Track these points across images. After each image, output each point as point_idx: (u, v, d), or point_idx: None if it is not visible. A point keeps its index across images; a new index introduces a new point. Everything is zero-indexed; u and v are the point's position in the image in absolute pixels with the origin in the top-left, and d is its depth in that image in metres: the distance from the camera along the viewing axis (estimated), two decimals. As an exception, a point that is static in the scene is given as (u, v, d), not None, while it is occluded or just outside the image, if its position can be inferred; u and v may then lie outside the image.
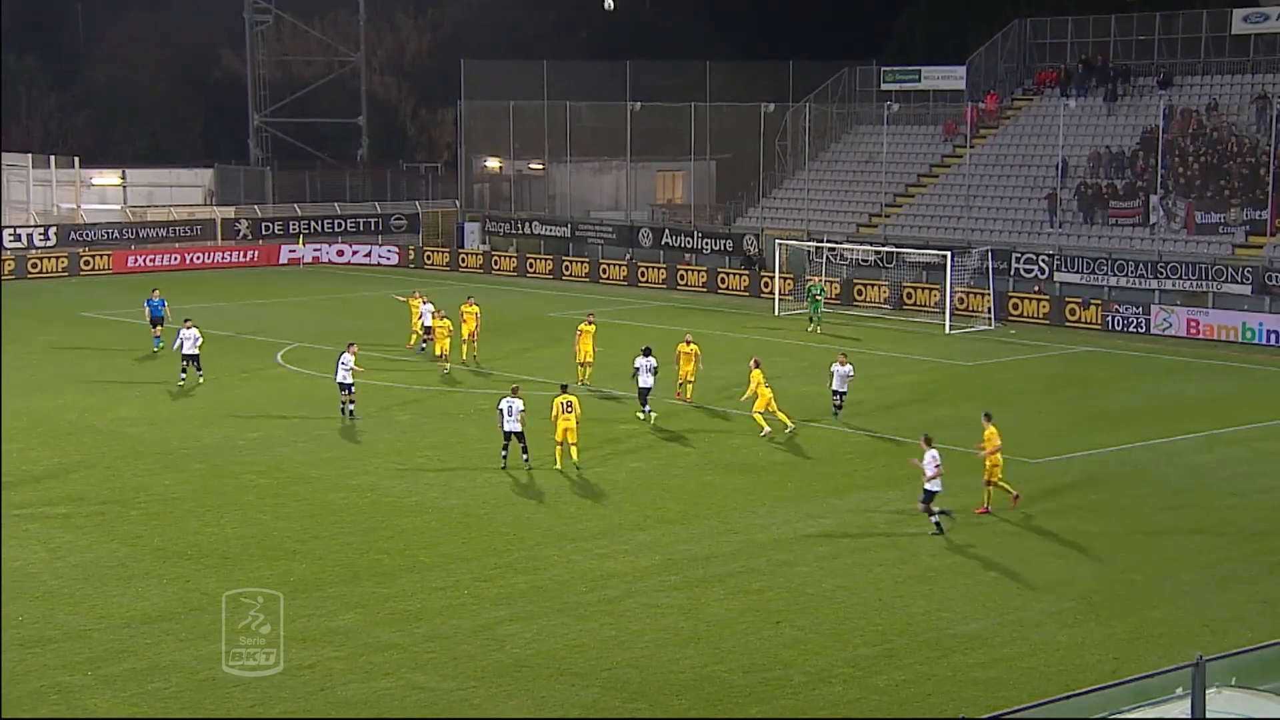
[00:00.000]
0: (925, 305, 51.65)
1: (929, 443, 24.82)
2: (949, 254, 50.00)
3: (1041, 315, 49.94)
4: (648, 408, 32.97)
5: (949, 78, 63.00)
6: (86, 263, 62.86)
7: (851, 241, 57.08)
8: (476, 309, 40.51)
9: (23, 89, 79.68)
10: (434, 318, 40.55)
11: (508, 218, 69.80)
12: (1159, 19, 59.67)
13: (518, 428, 28.19)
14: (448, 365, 38.74)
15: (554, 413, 28.37)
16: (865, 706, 17.88)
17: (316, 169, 78.52)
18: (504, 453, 28.58)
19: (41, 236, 64.36)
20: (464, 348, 40.06)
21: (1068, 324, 48.95)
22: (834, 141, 65.24)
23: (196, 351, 36.81)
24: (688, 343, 34.99)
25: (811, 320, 47.56)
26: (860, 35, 74.97)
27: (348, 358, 32.57)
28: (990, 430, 26.02)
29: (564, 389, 29.16)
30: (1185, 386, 39.20)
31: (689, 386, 34.94)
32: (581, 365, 36.83)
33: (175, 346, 37.28)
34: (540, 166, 71.96)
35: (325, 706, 17.69)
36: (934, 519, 24.57)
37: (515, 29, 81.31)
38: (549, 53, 71.21)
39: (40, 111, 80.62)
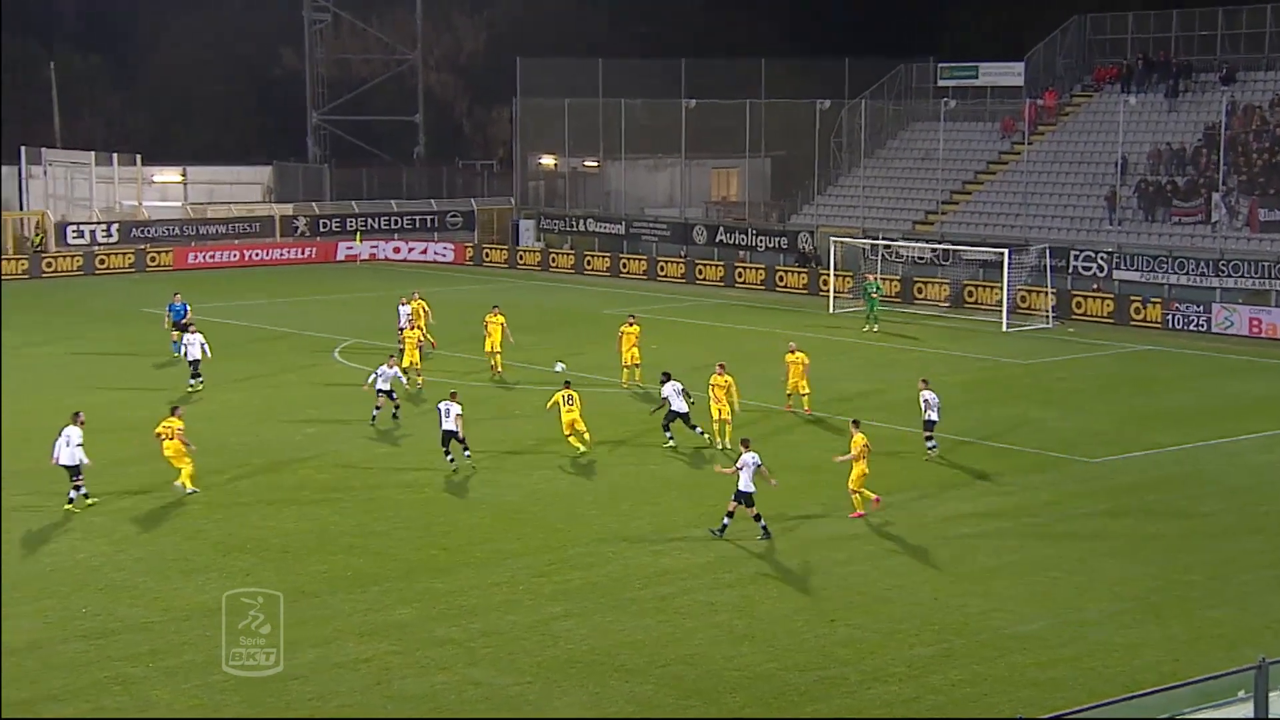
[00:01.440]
0: (985, 303, 51.19)
1: (747, 446, 24.19)
2: (1006, 251, 49.58)
3: (1105, 314, 49.35)
4: (670, 435, 30.59)
5: (1007, 74, 62.41)
6: (152, 259, 63.67)
7: (907, 239, 56.73)
8: (502, 319, 38.49)
9: (85, 87, 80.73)
10: (407, 324, 38.84)
11: (562, 215, 69.98)
12: (1221, 14, 58.83)
13: (453, 428, 28.11)
14: (420, 380, 35.94)
15: (555, 405, 29.21)
16: (921, 706, 17.82)
17: (373, 166, 79.09)
18: (447, 451, 28.22)
19: (105, 233, 65.24)
20: (495, 360, 38.04)
21: (1132, 323, 48.34)
22: (890, 138, 64.89)
23: (199, 357, 36.11)
24: (793, 351, 33.28)
25: (869, 319, 47.28)
26: (917, 32, 74.55)
27: (387, 370, 32.15)
28: (858, 437, 25.27)
29: (566, 385, 29.89)
30: (1247, 386, 38.69)
31: (805, 398, 33.16)
32: (627, 368, 36.48)
33: (180, 352, 36.98)
34: (595, 164, 72.04)
35: (382, 700, 17.85)
36: (759, 523, 23.90)
37: (571, 27, 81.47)
38: (604, 50, 71.28)
39: (103, 110, 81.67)
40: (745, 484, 23.89)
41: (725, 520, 24.11)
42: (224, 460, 29.28)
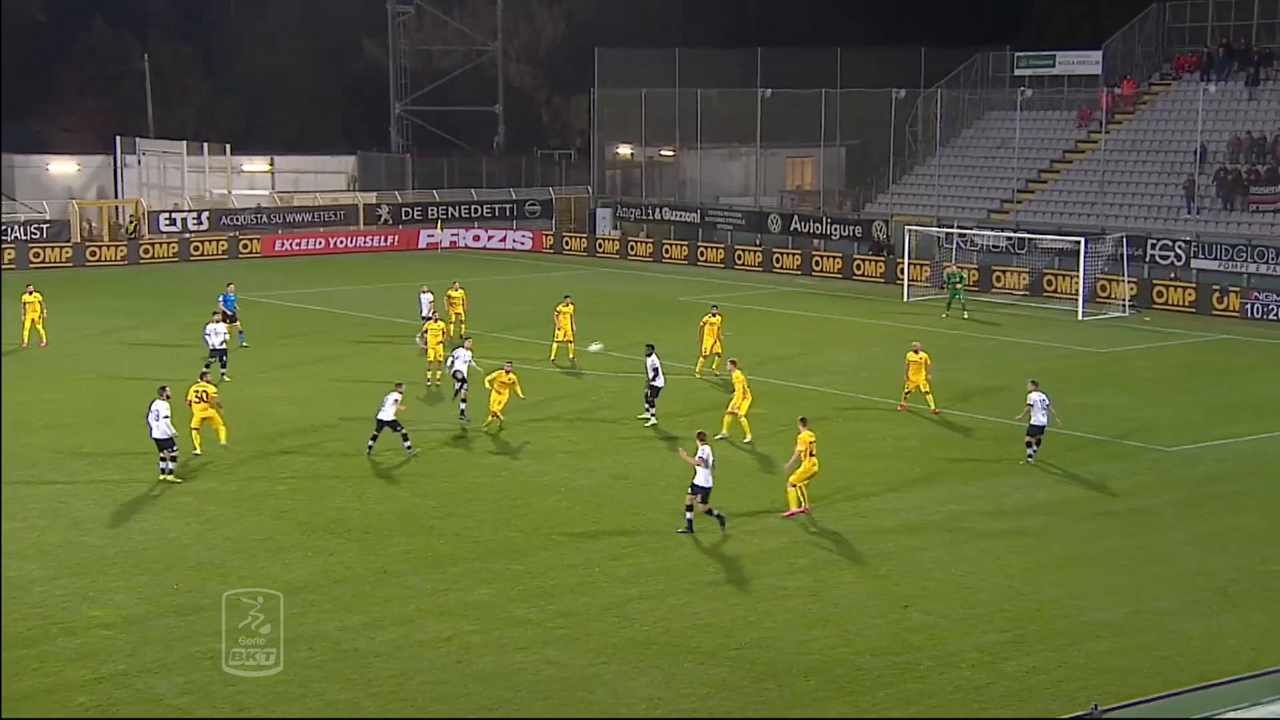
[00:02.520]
0: (1065, 292, 50.22)
1: (702, 439, 23.61)
2: (1083, 240, 48.92)
3: (1187, 303, 48.38)
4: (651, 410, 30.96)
5: (1084, 62, 61.52)
6: (245, 246, 64.57)
7: (982, 227, 56.13)
8: (570, 309, 37.54)
9: (177, 78, 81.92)
10: (431, 314, 38.24)
11: (639, 203, 69.98)
12: (1304, 0, 57.62)
13: (389, 417, 27.88)
14: (439, 378, 34.89)
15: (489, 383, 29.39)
16: (994, 692, 17.64)
17: (454, 156, 79.54)
18: (373, 439, 28.08)
19: (195, 221, 66.21)
20: (568, 349, 37.50)
21: (1214, 312, 47.39)
22: (965, 127, 64.18)
23: (224, 347, 35.70)
24: (916, 350, 31.97)
25: (949, 307, 46.80)
26: (994, 20, 73.59)
27: (463, 352, 31.97)
28: (805, 434, 24.19)
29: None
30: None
31: (928, 396, 31.71)
32: (705, 356, 36.25)
33: (206, 340, 36.02)
34: (671, 153, 71.94)
35: (462, 678, 17.98)
36: (713, 515, 23.24)
37: (647, 17, 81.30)
38: (680, 40, 71.11)
39: (194, 100, 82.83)
40: (703, 479, 23.16)
41: (688, 516, 23.39)
42: (309, 441, 29.62)
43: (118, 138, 71.53)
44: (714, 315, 36.79)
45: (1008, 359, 40.00)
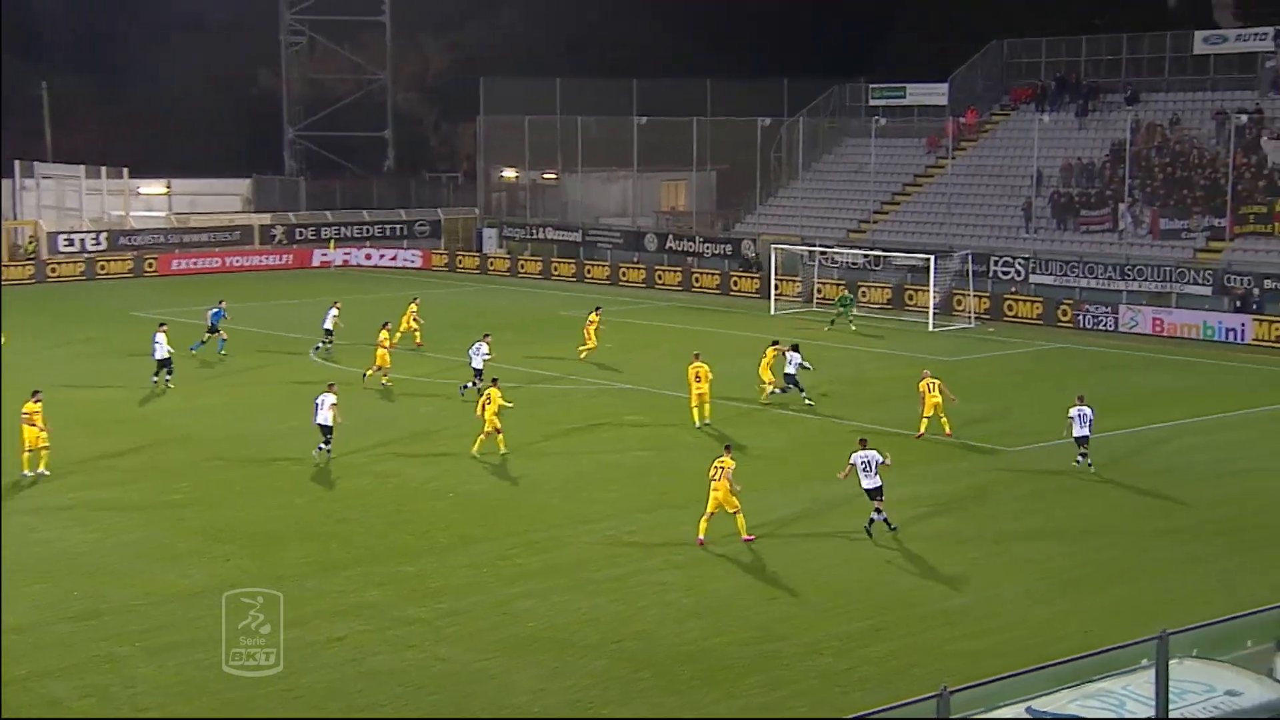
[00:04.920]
0: (922, 305, 50.58)
1: (864, 444, 23.56)
2: (932, 257, 49.93)
3: (1034, 315, 49.32)
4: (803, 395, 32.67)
5: (932, 94, 62.92)
6: (149, 265, 62.97)
7: (842, 246, 56.99)
8: (596, 318, 39.68)
9: (76, 105, 79.66)
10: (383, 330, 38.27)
11: (523, 224, 69.74)
12: (1126, 40, 59.66)
13: (327, 421, 27.58)
14: (384, 378, 35.51)
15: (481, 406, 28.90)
16: (854, 676, 17.85)
17: (345, 178, 78.48)
18: (326, 448, 27.75)
19: (94, 242, 64.41)
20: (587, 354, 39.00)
21: (1058, 324, 48.32)
22: (825, 153, 65.13)
23: (168, 357, 35.15)
24: (924, 378, 30.55)
25: (834, 323, 47.16)
26: (850, 54, 74.80)
27: (482, 345, 34.03)
28: (727, 461, 22.96)
29: (494, 381, 29.79)
30: (1150, 379, 39.06)
31: (945, 421, 30.30)
32: (698, 407, 31.56)
33: (154, 349, 35.44)
34: (553, 176, 71.87)
35: (356, 676, 17.68)
36: (880, 517, 23.19)
37: (531, 49, 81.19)
38: (562, 71, 71.11)
39: (92, 126, 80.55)
40: (869, 483, 23.03)
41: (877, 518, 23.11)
42: (207, 453, 28.94)
43: (16, 163, 69.30)
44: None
45: (865, 368, 40.65)
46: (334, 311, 41.46)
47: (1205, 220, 50.51)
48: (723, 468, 22.89)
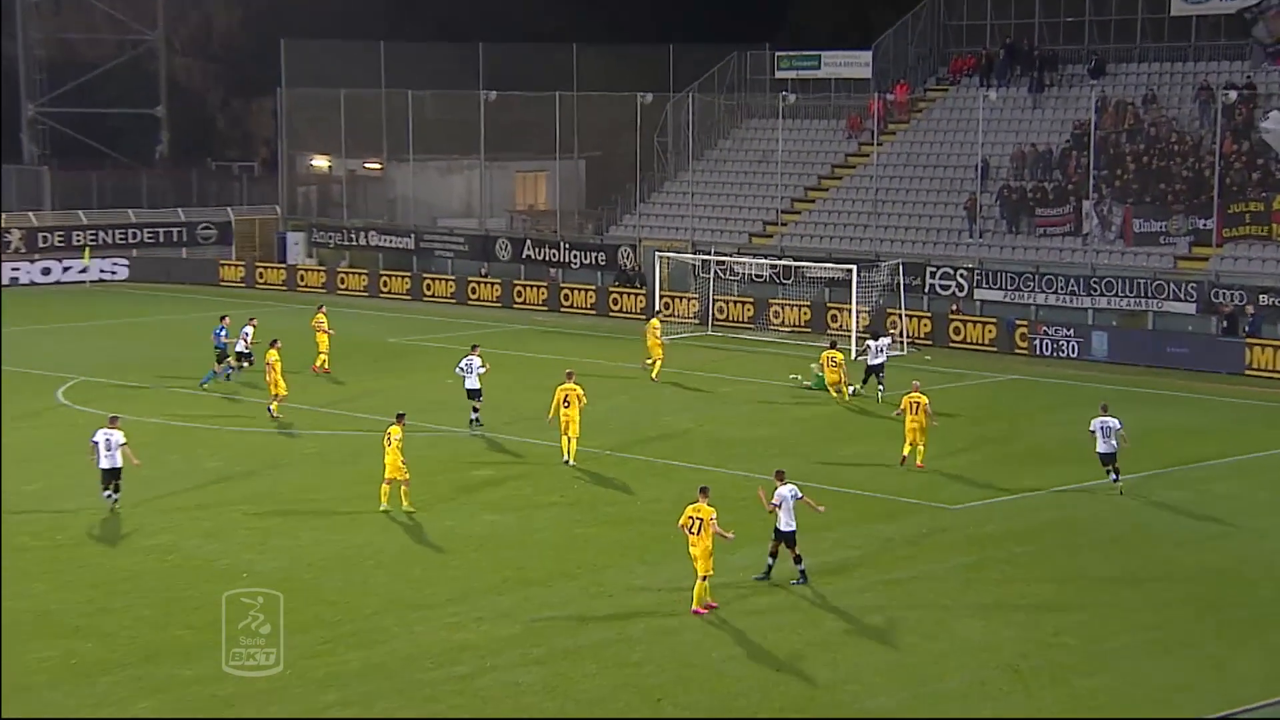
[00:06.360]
0: (848, 327, 49.96)
1: (781, 478, 25.07)
2: (854, 269, 50.48)
3: (988, 340, 49.92)
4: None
5: (853, 64, 64.08)
6: None
7: (744, 254, 57.55)
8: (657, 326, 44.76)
9: None
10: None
11: (339, 226, 69.40)
12: (1090, -2, 61.10)
13: (116, 464, 28.53)
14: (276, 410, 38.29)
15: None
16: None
17: (106, 169, 77.23)
18: (111, 494, 28.94)
19: None
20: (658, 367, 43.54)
21: (1017, 351, 49.13)
22: (722, 137, 66.00)
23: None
24: (914, 389, 33.96)
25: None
26: (751, 15, 75.88)
27: (473, 360, 36.32)
28: (704, 509, 23.99)
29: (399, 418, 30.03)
30: (1125, 418, 40.05)
31: (920, 450, 33.36)
32: (566, 437, 33.60)
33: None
34: (377, 166, 71.67)
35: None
36: (798, 566, 24.30)
37: (348, 4, 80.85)
38: (386, 33, 70.99)
39: None
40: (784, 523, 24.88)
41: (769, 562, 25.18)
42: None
43: None
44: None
45: (772, 407, 41.12)
46: (249, 329, 43.34)
47: (1188, 221, 51.68)
48: (701, 519, 23.69)
